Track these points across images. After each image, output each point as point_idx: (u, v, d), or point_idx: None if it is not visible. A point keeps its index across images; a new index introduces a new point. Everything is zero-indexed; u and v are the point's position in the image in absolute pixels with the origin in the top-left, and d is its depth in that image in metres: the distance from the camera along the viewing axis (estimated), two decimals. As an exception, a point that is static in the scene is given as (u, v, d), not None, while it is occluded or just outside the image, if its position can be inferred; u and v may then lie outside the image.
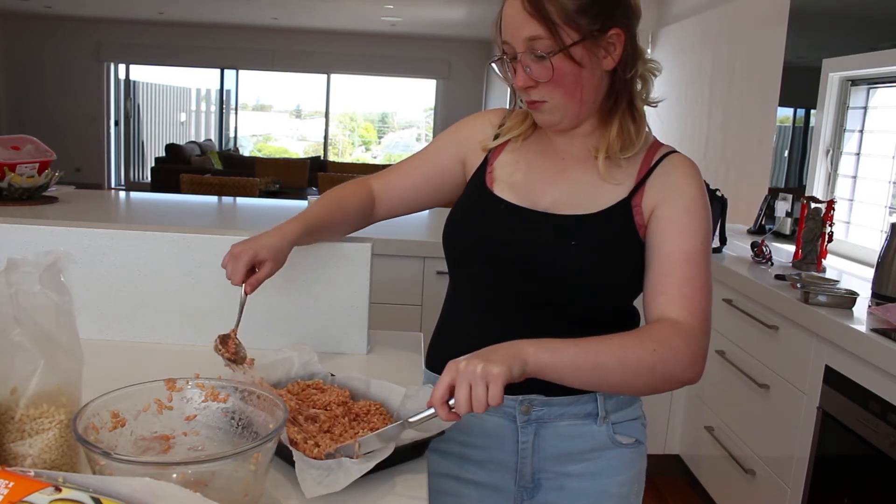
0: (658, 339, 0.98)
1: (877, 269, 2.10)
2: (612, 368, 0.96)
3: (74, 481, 0.62)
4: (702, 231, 1.06)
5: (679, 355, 0.98)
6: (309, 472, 0.85)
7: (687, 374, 1.00)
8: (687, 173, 1.09)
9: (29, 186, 2.71)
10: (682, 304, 1.02)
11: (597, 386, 0.99)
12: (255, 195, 4.47)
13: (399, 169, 1.28)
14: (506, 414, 1.13)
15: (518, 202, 1.12)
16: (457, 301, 1.20)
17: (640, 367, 0.97)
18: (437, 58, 10.55)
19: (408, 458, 0.94)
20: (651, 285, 1.06)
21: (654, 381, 0.99)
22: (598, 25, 1.01)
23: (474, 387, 0.85)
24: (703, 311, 1.02)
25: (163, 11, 9.31)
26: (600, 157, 1.09)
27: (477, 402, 0.85)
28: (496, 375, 0.85)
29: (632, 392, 1.08)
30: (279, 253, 1.15)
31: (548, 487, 1.16)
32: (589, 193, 1.10)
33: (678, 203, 1.06)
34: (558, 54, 1.01)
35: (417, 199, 1.27)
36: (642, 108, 1.11)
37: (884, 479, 1.68)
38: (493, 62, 1.09)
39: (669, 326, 1.01)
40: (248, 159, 9.68)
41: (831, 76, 3.00)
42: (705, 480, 2.68)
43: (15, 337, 0.77)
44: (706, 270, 1.05)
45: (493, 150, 1.19)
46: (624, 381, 0.98)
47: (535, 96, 1.06)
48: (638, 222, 1.08)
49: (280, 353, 1.15)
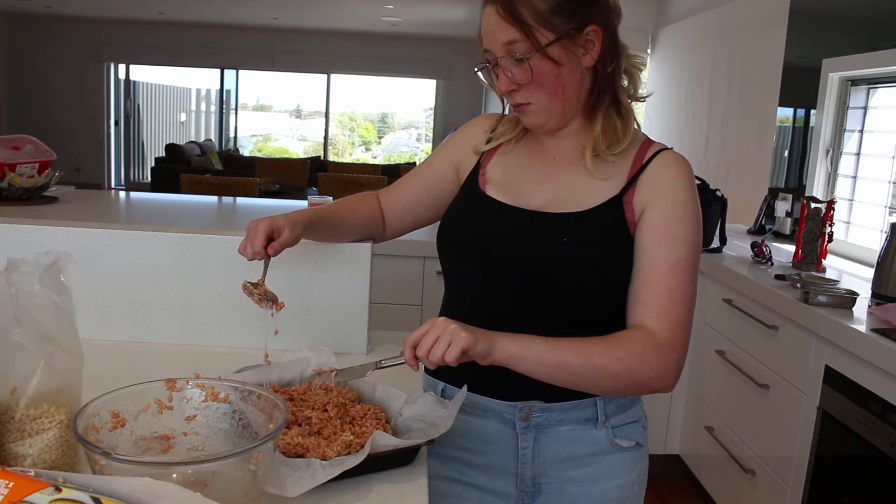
0: (628, 348, 1.01)
1: (877, 269, 2.10)
2: (577, 369, 0.99)
3: (74, 481, 0.62)
4: (689, 239, 1.06)
5: (647, 367, 1.01)
6: (277, 467, 0.85)
7: (656, 385, 1.03)
8: (678, 173, 1.09)
9: (29, 186, 2.71)
10: (660, 315, 1.03)
11: (563, 382, 1.02)
12: (255, 195, 4.47)
13: (402, 181, 1.31)
14: (505, 420, 1.13)
15: (510, 202, 1.13)
16: (452, 301, 1.21)
17: (604, 372, 1.00)
18: (437, 58, 10.55)
19: (398, 464, 0.94)
20: (633, 292, 1.07)
21: (618, 386, 1.03)
22: (574, 24, 1.03)
23: (439, 340, 0.93)
24: (680, 325, 1.04)
25: (163, 11, 9.31)
26: (587, 154, 1.10)
27: (433, 353, 0.93)
28: (459, 338, 0.93)
29: (597, 392, 1.10)
30: (295, 224, 1.16)
31: (548, 492, 1.16)
32: (580, 192, 1.11)
33: (667, 207, 1.06)
34: (535, 55, 1.02)
35: (418, 208, 1.29)
36: (628, 103, 1.12)
37: (884, 479, 1.68)
38: (478, 70, 1.11)
39: (643, 337, 1.02)
40: (248, 159, 9.67)
41: (831, 76, 3.00)
42: (705, 480, 2.68)
43: (15, 337, 0.77)
44: (690, 281, 1.05)
45: (485, 153, 1.20)
46: (589, 382, 1.02)
47: (519, 99, 1.08)
48: (629, 219, 1.08)
49: (298, 352, 1.15)
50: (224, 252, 1.37)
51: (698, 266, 1.08)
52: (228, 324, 1.38)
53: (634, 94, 1.13)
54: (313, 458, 0.87)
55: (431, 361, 0.94)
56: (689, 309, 1.05)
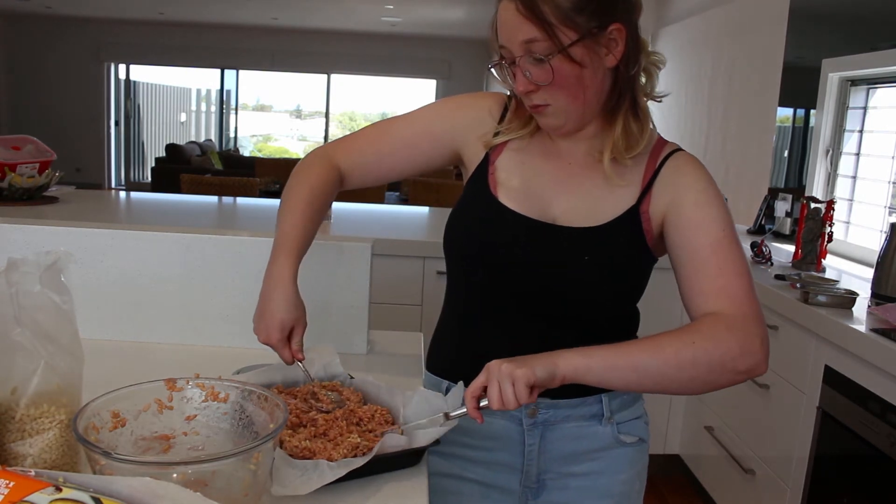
0: (696, 331, 0.95)
1: (876, 269, 2.10)
2: (650, 365, 0.94)
3: (75, 481, 0.62)
4: (719, 216, 1.02)
5: (723, 345, 0.94)
6: (284, 469, 0.85)
7: (743, 364, 0.95)
8: (691, 171, 1.07)
9: (29, 186, 2.71)
10: (720, 295, 0.98)
11: (640, 385, 0.96)
12: (255, 195, 4.47)
13: (375, 146, 1.18)
14: (511, 417, 1.13)
15: (526, 212, 1.08)
16: (459, 304, 1.18)
17: (680, 362, 0.94)
18: (437, 58, 10.55)
19: (403, 465, 0.94)
20: (687, 288, 1.02)
21: (700, 374, 0.95)
22: (596, 22, 0.97)
23: (501, 385, 0.90)
24: (745, 297, 0.98)
25: (163, 11, 9.31)
26: (605, 159, 1.06)
27: (506, 399, 0.90)
28: (518, 376, 0.90)
29: (683, 390, 1.00)
30: (297, 308, 1.07)
31: (552, 487, 1.16)
32: (597, 202, 1.07)
33: (689, 201, 1.04)
34: (557, 56, 0.96)
35: (397, 178, 1.21)
36: (645, 104, 1.07)
37: (883, 479, 1.68)
38: (492, 67, 1.05)
39: (710, 318, 0.97)
40: (248, 159, 9.67)
41: (831, 76, 3.00)
42: (705, 480, 2.68)
43: (15, 337, 0.77)
44: (737, 253, 1.01)
45: (493, 147, 1.14)
46: (667, 377, 0.95)
47: (537, 100, 1.02)
48: (646, 229, 1.06)
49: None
50: (224, 252, 1.37)
51: (738, 240, 1.04)
52: (228, 324, 1.38)
53: (651, 93, 1.08)
54: (321, 460, 0.87)
55: (507, 409, 0.91)
56: (748, 279, 1.00)
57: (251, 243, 1.37)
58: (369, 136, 1.20)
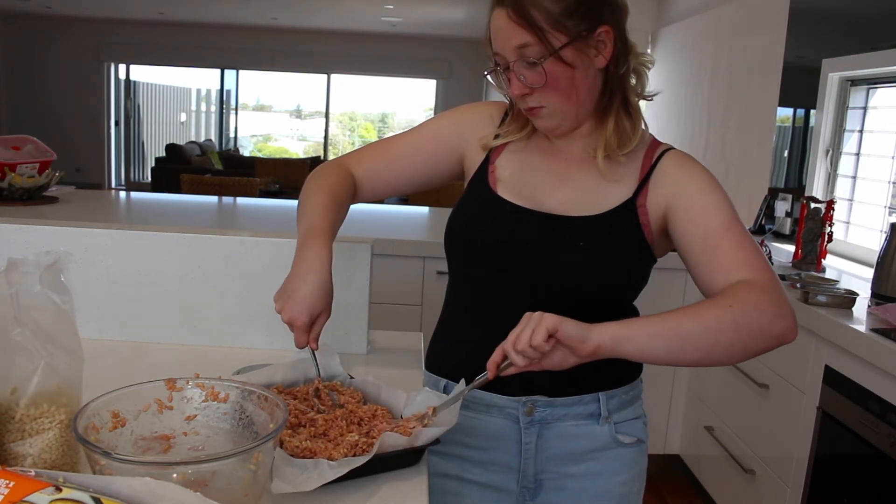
0: (732, 295, 0.95)
1: (876, 269, 2.10)
2: (692, 330, 0.93)
3: (75, 481, 0.62)
4: (724, 202, 1.05)
5: (760, 307, 0.94)
6: (284, 468, 0.85)
7: (778, 328, 0.94)
8: (690, 164, 1.10)
9: (29, 186, 2.71)
10: (745, 266, 0.99)
11: (680, 354, 0.94)
12: (255, 195, 4.47)
13: (385, 154, 1.23)
14: (508, 415, 1.13)
15: (523, 204, 1.12)
16: (460, 302, 1.20)
17: (721, 326, 0.93)
18: (437, 58, 10.55)
19: (404, 464, 0.94)
20: (705, 269, 1.02)
21: (741, 338, 0.93)
22: (585, 25, 1.02)
23: (524, 328, 0.90)
24: (766, 267, 1.00)
25: (163, 11, 9.31)
26: (599, 156, 1.09)
27: (520, 339, 0.89)
28: (545, 319, 0.89)
29: (723, 357, 0.96)
30: (327, 296, 1.06)
31: (549, 488, 1.16)
32: (593, 195, 1.10)
33: (693, 189, 1.06)
34: (549, 59, 1.01)
35: (406, 187, 1.25)
36: (636, 103, 1.11)
37: (883, 479, 1.68)
38: (488, 74, 1.09)
39: (742, 283, 0.97)
40: (248, 159, 9.68)
41: (831, 76, 3.00)
42: (705, 480, 2.68)
43: (15, 337, 0.77)
44: (748, 234, 1.03)
45: (493, 149, 1.18)
46: (709, 342, 0.93)
47: (532, 103, 1.07)
48: (643, 222, 1.08)
49: (302, 352, 1.15)
50: (224, 252, 1.37)
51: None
52: (228, 324, 1.38)
53: (642, 92, 1.12)
54: (321, 459, 0.87)
55: (518, 349, 0.89)
56: (763, 256, 1.02)
57: (251, 243, 1.37)
58: (378, 146, 1.26)
